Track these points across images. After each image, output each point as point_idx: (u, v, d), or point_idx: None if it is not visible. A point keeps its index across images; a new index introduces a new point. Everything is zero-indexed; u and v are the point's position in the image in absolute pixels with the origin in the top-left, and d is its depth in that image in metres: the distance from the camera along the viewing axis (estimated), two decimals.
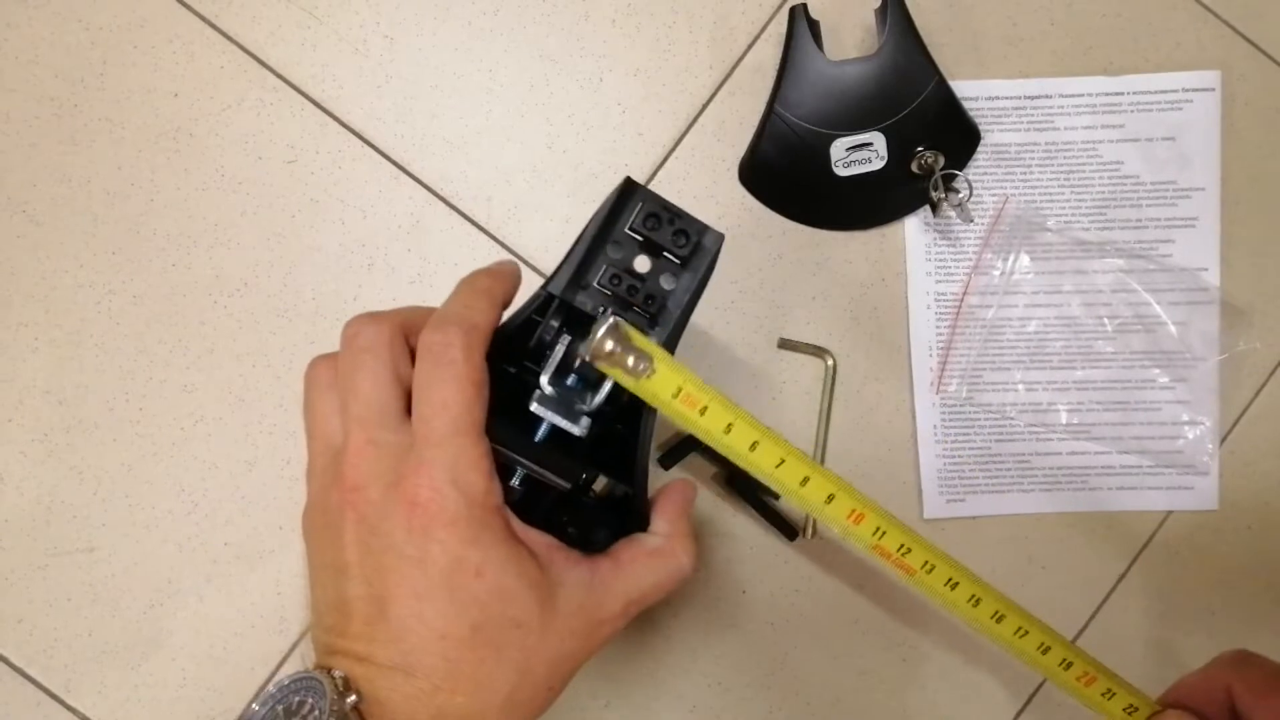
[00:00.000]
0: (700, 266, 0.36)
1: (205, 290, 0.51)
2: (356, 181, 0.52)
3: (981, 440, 0.54)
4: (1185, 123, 0.54)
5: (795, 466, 0.35)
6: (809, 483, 0.36)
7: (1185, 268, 0.54)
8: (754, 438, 0.35)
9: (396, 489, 0.31)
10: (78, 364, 0.51)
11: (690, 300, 0.36)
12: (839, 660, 0.54)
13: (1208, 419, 0.54)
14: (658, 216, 0.35)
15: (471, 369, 0.32)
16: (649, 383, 0.33)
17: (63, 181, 0.51)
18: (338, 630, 0.32)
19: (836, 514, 0.37)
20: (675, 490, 0.39)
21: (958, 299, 0.54)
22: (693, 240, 0.35)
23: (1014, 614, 0.40)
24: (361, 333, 0.34)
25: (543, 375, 0.35)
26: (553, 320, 0.35)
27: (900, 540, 0.38)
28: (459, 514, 0.31)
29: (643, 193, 0.35)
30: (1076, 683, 0.42)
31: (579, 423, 0.34)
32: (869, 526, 0.37)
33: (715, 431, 0.34)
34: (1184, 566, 0.55)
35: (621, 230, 0.35)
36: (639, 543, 0.37)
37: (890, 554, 0.38)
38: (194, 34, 0.52)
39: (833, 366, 0.53)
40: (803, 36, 0.52)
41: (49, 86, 0.51)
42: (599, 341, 0.32)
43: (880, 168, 0.52)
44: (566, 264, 0.35)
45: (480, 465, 0.31)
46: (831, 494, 0.36)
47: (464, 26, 0.53)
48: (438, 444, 0.31)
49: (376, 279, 0.52)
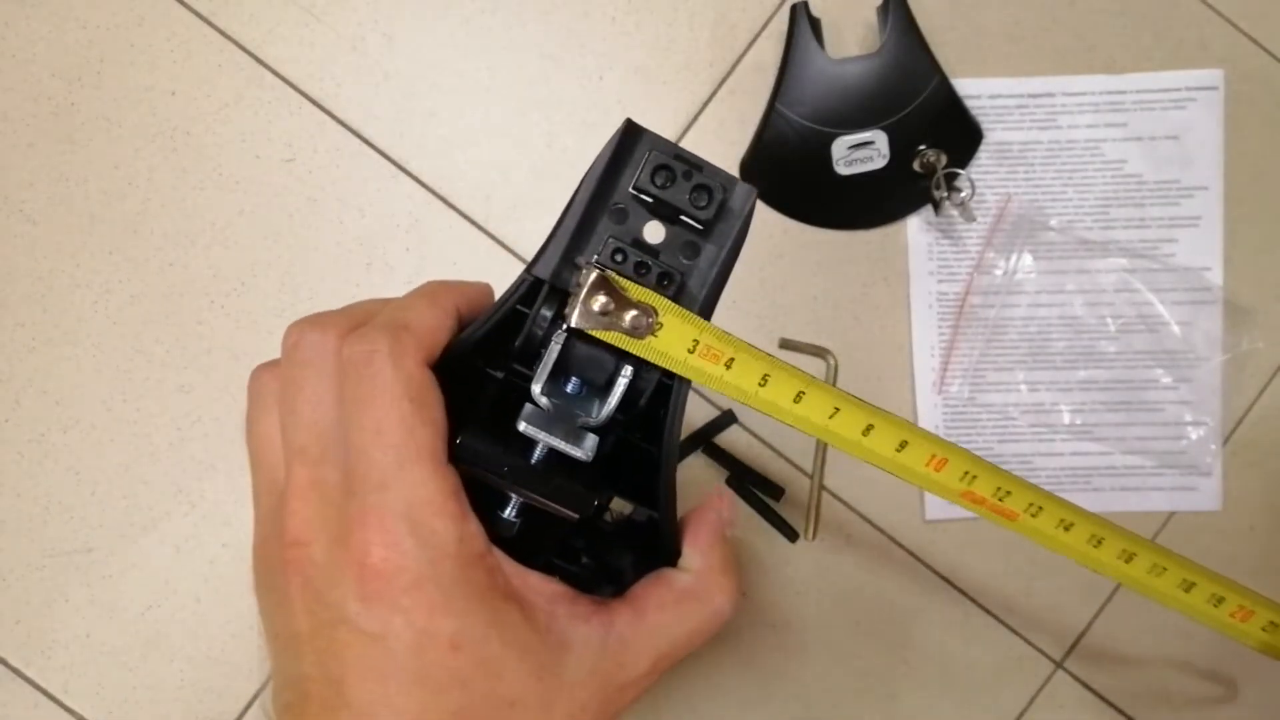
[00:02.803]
0: (729, 232, 0.28)
1: (203, 290, 0.51)
2: (354, 180, 0.52)
3: (984, 441, 0.54)
4: (1188, 121, 0.54)
5: (853, 415, 0.30)
6: (873, 431, 0.30)
7: (1188, 267, 0.54)
8: (797, 387, 0.29)
9: (343, 546, 0.25)
10: (75, 364, 0.51)
11: (718, 277, 0.29)
12: (840, 662, 0.53)
13: (1211, 419, 0.54)
14: (670, 169, 0.28)
15: (405, 380, 0.25)
16: (656, 341, 0.28)
17: (60, 180, 0.51)
18: (295, 710, 0.27)
19: (913, 462, 0.31)
20: (708, 511, 0.32)
21: (960, 299, 0.53)
22: (717, 198, 0.28)
23: (1145, 550, 0.35)
24: (302, 341, 0.27)
25: (534, 383, 0.28)
26: (544, 310, 0.28)
27: (995, 483, 0.32)
28: (423, 574, 0.25)
29: (650, 138, 0.28)
30: (1231, 619, 0.37)
31: (583, 444, 0.28)
32: (954, 471, 0.32)
33: (748, 387, 0.29)
34: None
35: (624, 191, 0.28)
36: (666, 582, 0.30)
37: (985, 500, 0.32)
38: (191, 32, 0.52)
39: (834, 367, 0.53)
40: (804, 34, 0.51)
41: (46, 85, 0.51)
42: (586, 301, 0.27)
43: (882, 166, 0.52)
44: (555, 238, 0.28)
45: (445, 506, 0.25)
46: (904, 440, 0.31)
47: (462, 24, 0.53)
48: (381, 484, 0.25)
49: (375, 278, 0.52)
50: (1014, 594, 0.54)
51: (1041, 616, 0.54)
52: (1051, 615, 0.54)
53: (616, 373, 0.28)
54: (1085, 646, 0.54)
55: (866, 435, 0.30)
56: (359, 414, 0.25)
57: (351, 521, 0.25)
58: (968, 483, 0.32)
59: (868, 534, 0.53)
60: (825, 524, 0.53)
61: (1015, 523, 0.34)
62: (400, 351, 0.26)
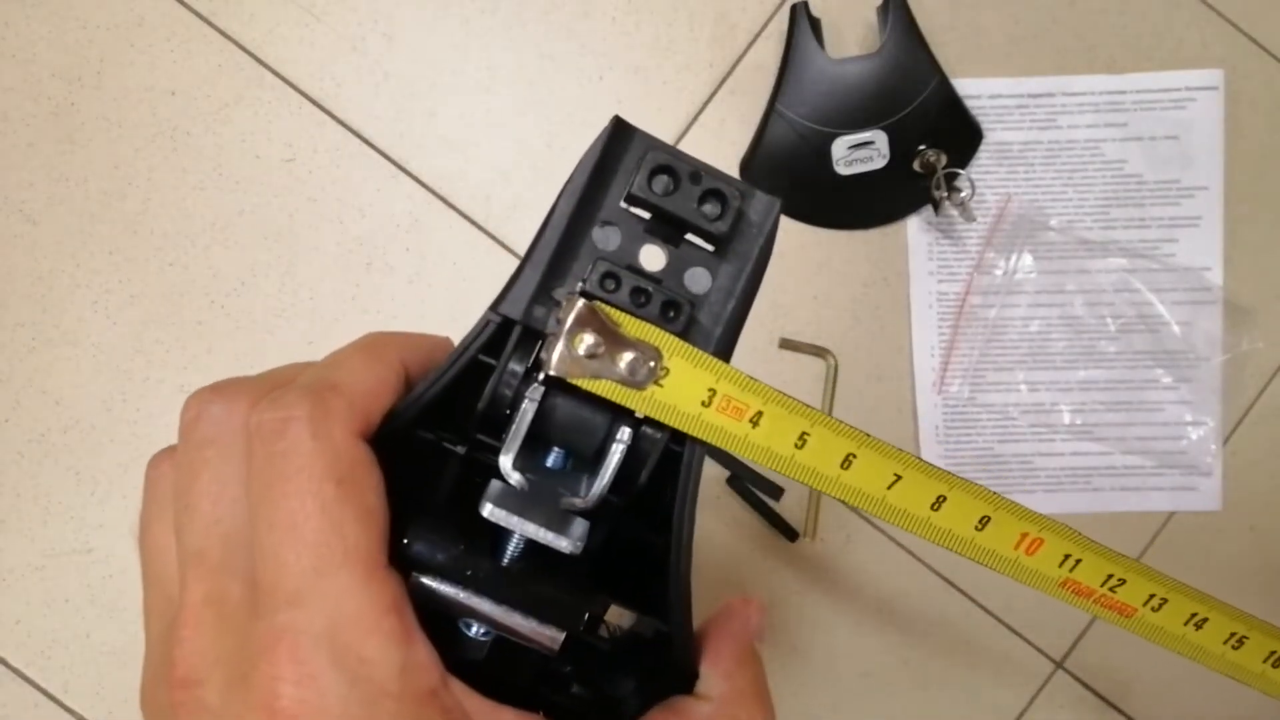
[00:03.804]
0: (748, 252, 0.23)
1: (203, 290, 0.51)
2: (354, 180, 0.52)
3: (984, 441, 0.53)
4: (1188, 121, 0.54)
5: (919, 484, 0.24)
6: (945, 504, 0.24)
7: (1188, 267, 0.54)
8: (845, 448, 0.23)
9: (245, 686, 0.19)
10: (74, 364, 0.50)
11: (739, 307, 0.23)
12: (840, 663, 0.53)
13: (1211, 419, 0.54)
14: (672, 173, 0.22)
15: (329, 455, 0.19)
16: (661, 392, 0.22)
17: (60, 180, 0.51)
18: None
19: (996, 543, 0.25)
20: (732, 620, 0.25)
21: (960, 299, 0.53)
22: (733, 205, 0.22)
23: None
24: (203, 415, 0.21)
25: (503, 453, 0.21)
26: (514, 364, 0.22)
27: (1105, 568, 0.26)
28: None
29: (643, 140, 0.23)
30: None
31: (569, 531, 0.21)
32: (1052, 555, 0.25)
33: (781, 449, 0.23)
34: (1187, 568, 0.54)
35: (614, 205, 0.23)
36: (681, 715, 0.23)
37: (1092, 591, 0.26)
38: (191, 32, 0.52)
39: (834, 367, 0.53)
40: (804, 34, 0.51)
41: (46, 85, 0.51)
42: (569, 340, 0.21)
43: (882, 166, 0.52)
44: (529, 266, 0.22)
45: (381, 623, 0.19)
46: (985, 515, 0.25)
47: (462, 24, 0.53)
48: (295, 597, 0.19)
49: (375, 278, 0.52)
50: (1014, 594, 0.54)
51: (1041, 616, 0.54)
52: (1052, 615, 0.54)
53: (610, 437, 0.22)
54: (1085, 646, 0.54)
55: (937, 510, 0.24)
56: (268, 503, 0.19)
57: (256, 651, 0.19)
58: (1069, 569, 0.26)
59: (868, 534, 0.53)
60: (825, 524, 0.53)
61: (1131, 620, 0.28)
62: (324, 417, 0.20)
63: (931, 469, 0.24)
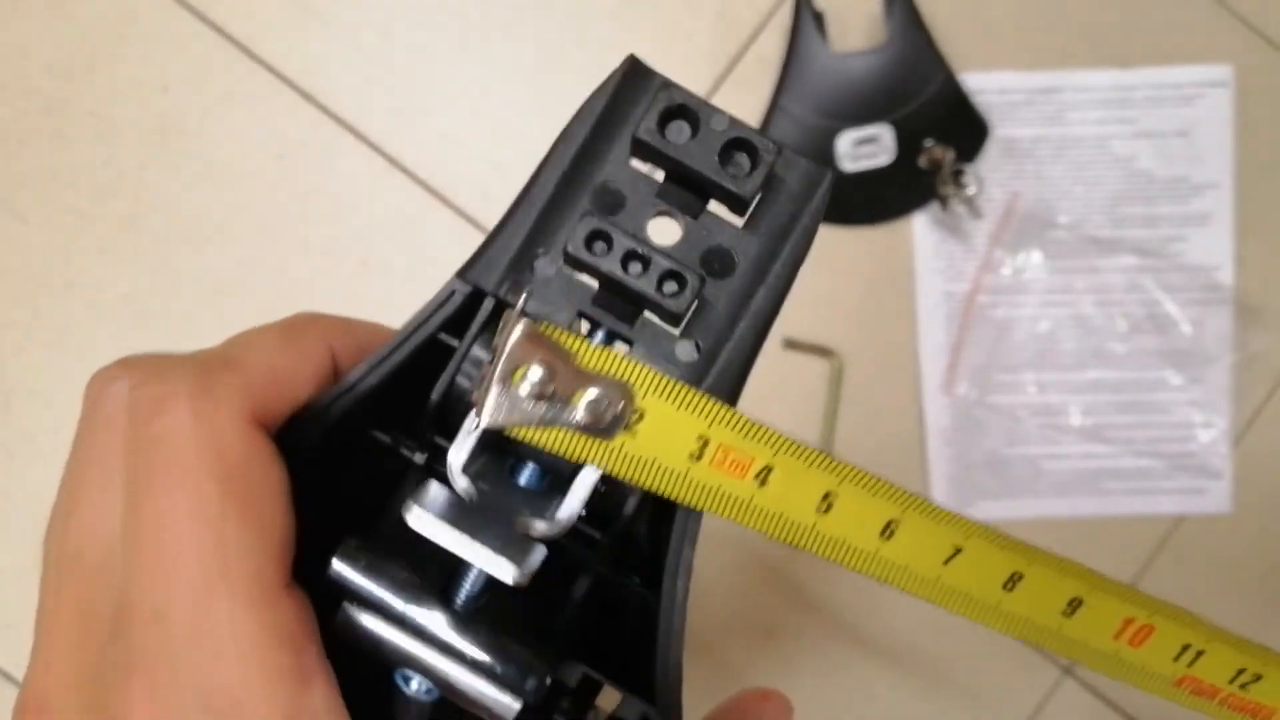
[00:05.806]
0: (784, 225, 0.18)
1: (195, 288, 0.51)
2: (349, 177, 0.51)
3: (991, 443, 0.53)
4: (1198, 117, 0.53)
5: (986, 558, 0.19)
6: (1021, 584, 0.19)
7: (1199, 266, 0.53)
8: (886, 514, 0.18)
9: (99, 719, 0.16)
10: (65, 364, 0.50)
11: (767, 300, 0.18)
12: (840, 669, 0.53)
13: (1221, 421, 0.53)
14: (691, 116, 0.18)
15: (211, 445, 0.16)
16: (634, 442, 0.17)
17: (50, 178, 0.50)
18: None
19: (1091, 633, 0.19)
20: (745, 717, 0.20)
21: (967, 297, 0.53)
22: (765, 160, 0.18)
23: None
24: (102, 396, 0.18)
25: (454, 448, 0.17)
26: (478, 349, 0.18)
27: (1235, 661, 0.20)
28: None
29: (661, 83, 0.18)
30: None
31: (516, 558, 0.17)
32: (1165, 646, 0.20)
33: (800, 516, 0.18)
34: (1197, 571, 0.54)
35: (620, 163, 0.18)
36: None
37: (1217, 691, 0.20)
38: (184, 27, 0.51)
39: (839, 367, 0.52)
40: (808, 28, 0.51)
41: (37, 81, 0.50)
42: (505, 376, 0.16)
43: (887, 162, 0.51)
44: (509, 226, 0.19)
45: (267, 660, 0.15)
46: (1077, 597, 0.19)
47: (458, 19, 0.52)
48: (156, 618, 0.15)
49: (370, 276, 0.51)
50: None
51: None
52: None
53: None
54: None
55: (1011, 590, 0.19)
56: (135, 496, 0.16)
57: (111, 681, 0.15)
58: (1187, 663, 0.20)
59: None
60: None
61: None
62: (206, 396, 0.16)
63: (1000, 537, 0.18)
